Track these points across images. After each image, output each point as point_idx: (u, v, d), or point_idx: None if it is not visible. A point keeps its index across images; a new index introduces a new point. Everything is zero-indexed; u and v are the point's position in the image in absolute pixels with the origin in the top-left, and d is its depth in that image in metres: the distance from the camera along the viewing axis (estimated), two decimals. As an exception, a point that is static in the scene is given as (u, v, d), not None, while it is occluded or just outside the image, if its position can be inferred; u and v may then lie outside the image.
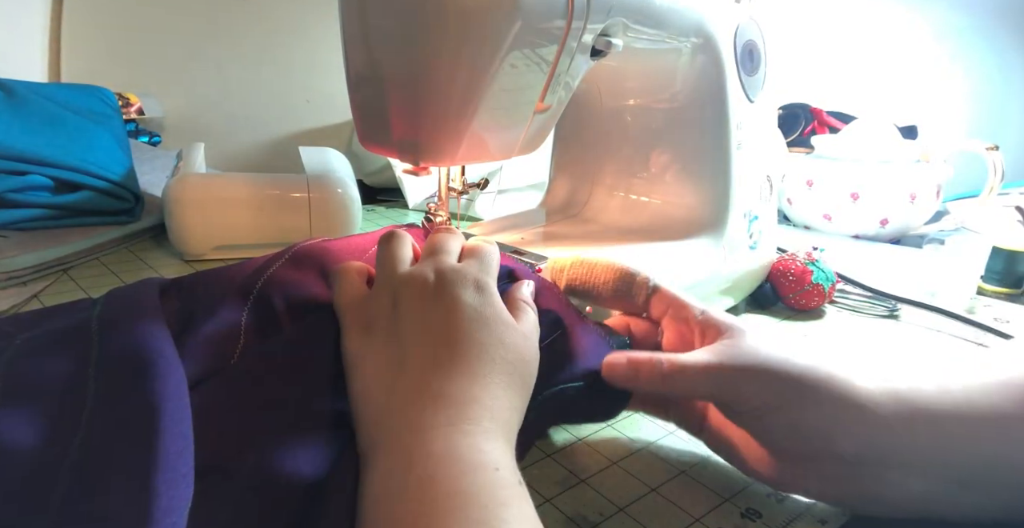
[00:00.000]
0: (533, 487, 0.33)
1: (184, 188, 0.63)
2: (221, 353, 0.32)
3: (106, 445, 0.24)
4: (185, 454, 0.23)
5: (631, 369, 0.32)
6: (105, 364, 0.27)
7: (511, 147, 0.40)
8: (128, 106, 1.00)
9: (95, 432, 0.24)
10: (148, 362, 0.27)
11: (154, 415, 0.24)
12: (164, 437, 0.23)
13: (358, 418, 0.28)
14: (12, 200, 0.62)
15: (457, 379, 0.27)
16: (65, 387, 0.27)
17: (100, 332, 0.29)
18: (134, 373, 0.26)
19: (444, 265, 0.32)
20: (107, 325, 0.30)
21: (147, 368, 0.26)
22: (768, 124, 0.58)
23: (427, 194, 0.90)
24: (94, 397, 0.26)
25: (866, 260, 0.75)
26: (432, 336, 0.29)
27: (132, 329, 0.29)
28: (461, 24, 0.32)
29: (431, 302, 0.31)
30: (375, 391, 0.28)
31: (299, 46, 1.18)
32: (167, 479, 0.22)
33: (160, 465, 0.22)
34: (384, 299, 0.32)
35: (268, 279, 0.36)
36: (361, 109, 0.38)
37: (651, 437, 0.38)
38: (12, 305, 0.50)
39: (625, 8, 0.40)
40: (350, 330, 0.32)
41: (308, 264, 0.37)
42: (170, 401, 0.25)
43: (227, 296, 0.35)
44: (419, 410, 0.26)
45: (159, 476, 0.22)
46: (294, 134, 1.21)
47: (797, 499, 0.33)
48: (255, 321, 0.34)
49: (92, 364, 0.27)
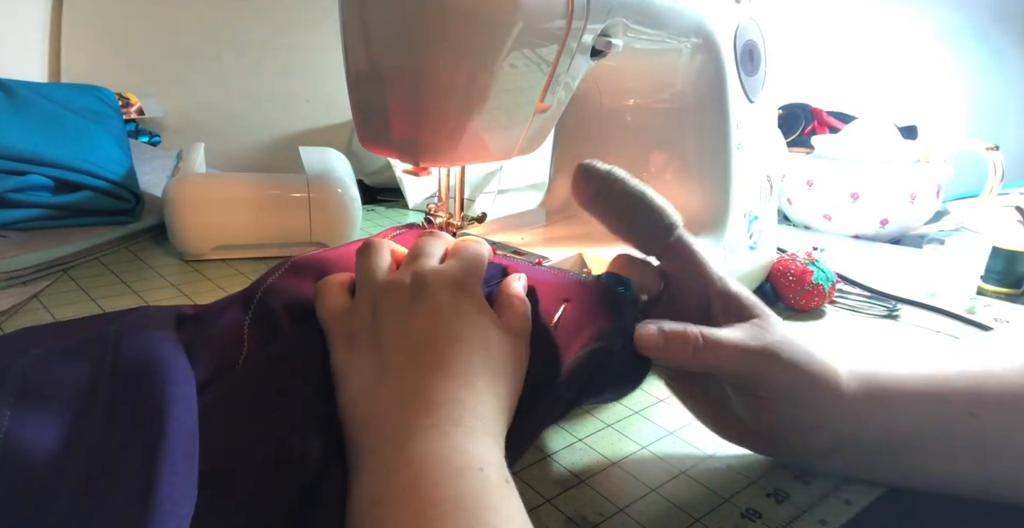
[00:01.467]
0: (533, 487, 0.33)
1: (184, 188, 0.63)
2: (225, 360, 0.32)
3: (113, 446, 0.24)
4: (190, 458, 0.24)
5: (662, 340, 0.30)
6: (117, 370, 0.28)
7: (511, 147, 0.40)
8: (128, 106, 1.00)
9: (104, 434, 0.24)
10: (158, 368, 0.27)
11: (162, 418, 0.24)
12: (170, 439, 0.23)
13: (346, 427, 0.28)
14: (12, 200, 0.62)
15: (439, 380, 0.27)
16: (78, 392, 0.27)
17: (116, 341, 0.30)
18: (144, 378, 0.27)
19: (421, 268, 0.32)
20: (122, 335, 0.30)
21: (157, 373, 0.27)
22: (768, 124, 0.58)
23: (427, 194, 0.90)
24: (105, 401, 0.26)
25: (866, 260, 0.75)
26: (411, 340, 0.29)
27: (146, 340, 0.30)
28: (461, 24, 0.32)
29: (409, 306, 0.30)
30: (359, 400, 0.28)
31: (299, 46, 1.18)
32: (171, 481, 0.22)
33: (165, 467, 0.22)
34: (364, 309, 0.32)
35: (268, 288, 0.36)
36: (361, 109, 0.38)
37: (651, 437, 0.38)
38: (12, 305, 0.50)
39: (625, 8, 0.40)
40: (335, 343, 0.32)
41: (307, 272, 0.38)
42: (178, 405, 0.25)
43: (229, 307, 0.36)
44: (401, 414, 0.26)
45: (163, 479, 0.22)
46: (294, 134, 1.21)
47: (796, 500, 0.33)
48: (257, 328, 0.34)
49: (105, 370, 0.28)
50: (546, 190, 0.62)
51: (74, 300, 0.53)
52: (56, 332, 0.35)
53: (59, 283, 0.57)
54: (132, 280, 0.59)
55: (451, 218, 0.43)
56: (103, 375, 0.27)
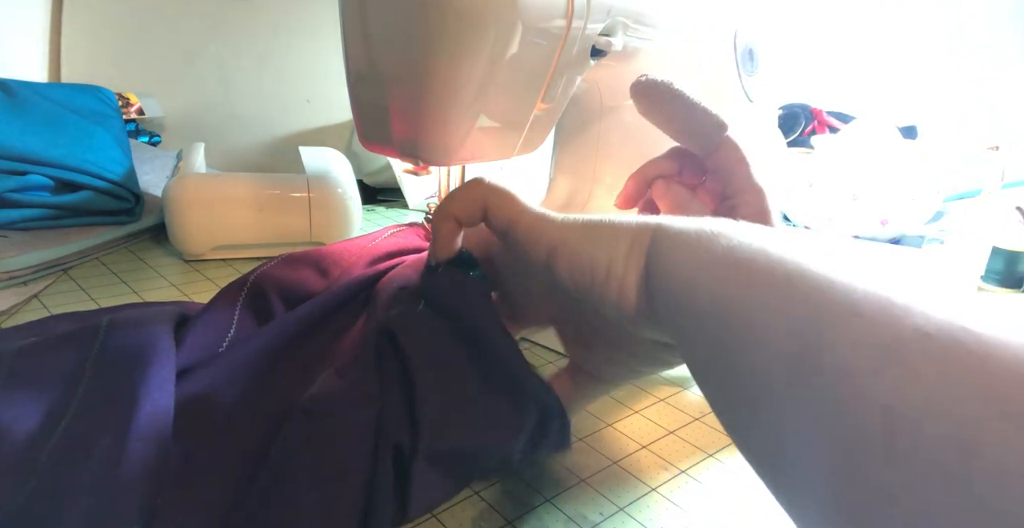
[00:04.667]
0: (533, 487, 0.33)
1: (184, 188, 0.63)
2: (211, 343, 0.33)
3: (86, 429, 0.25)
4: (158, 443, 0.25)
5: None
6: (102, 357, 0.29)
7: (511, 147, 0.40)
8: (128, 106, 1.00)
9: (81, 410, 0.26)
10: (139, 354, 0.28)
11: (134, 402, 0.25)
12: (138, 423, 0.25)
13: None
14: (12, 200, 0.62)
15: None
16: (63, 378, 0.28)
17: (106, 331, 0.30)
18: (122, 366, 0.28)
19: None
20: (113, 325, 0.31)
21: (136, 359, 0.28)
22: (768, 124, 0.58)
23: (427, 194, 0.90)
24: (86, 388, 0.27)
25: (866, 260, 0.75)
26: None
27: (133, 329, 0.30)
28: (461, 24, 0.32)
29: None
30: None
31: (299, 46, 1.18)
32: (138, 460, 0.23)
33: (131, 445, 0.24)
34: None
35: (261, 273, 0.37)
36: (361, 109, 0.38)
37: (651, 437, 0.38)
38: (12, 305, 0.50)
39: (625, 8, 0.40)
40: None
41: (304, 261, 0.38)
42: (151, 390, 0.26)
43: (222, 294, 0.36)
44: None
45: (130, 458, 0.23)
46: (294, 134, 1.21)
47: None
48: (248, 311, 0.35)
49: (91, 358, 0.29)
50: (546, 190, 0.61)
51: (74, 300, 0.53)
52: (79, 319, 0.36)
53: (59, 283, 0.57)
54: (132, 280, 0.59)
55: None
56: (88, 363, 0.28)
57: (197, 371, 0.30)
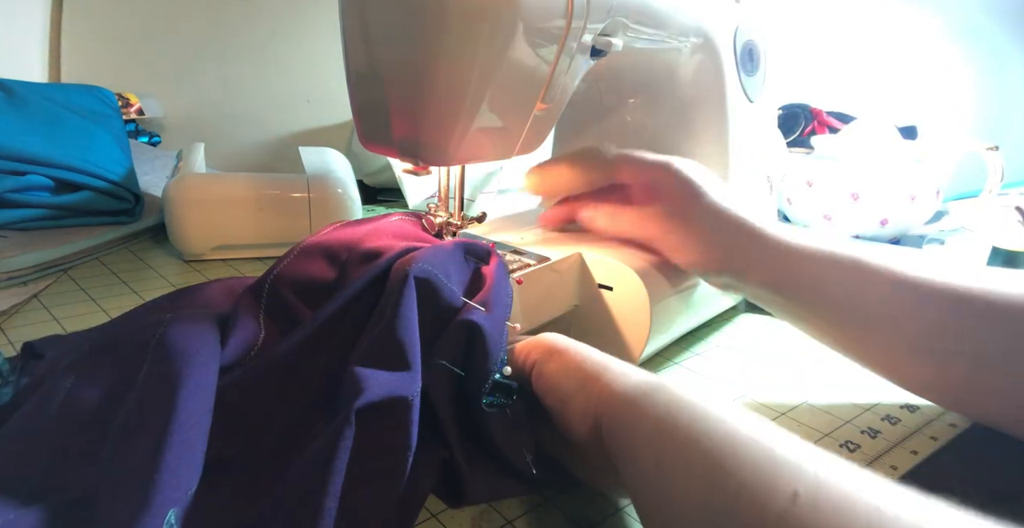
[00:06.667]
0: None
1: (184, 188, 0.63)
2: (242, 353, 0.34)
3: (137, 414, 0.28)
4: (199, 425, 0.27)
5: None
6: (158, 353, 0.31)
7: (511, 147, 0.40)
8: (128, 106, 1.00)
9: (132, 410, 0.28)
10: (182, 354, 0.30)
11: (175, 394, 0.27)
12: (180, 411, 0.27)
13: None
14: (12, 200, 0.62)
15: None
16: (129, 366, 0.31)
17: (164, 327, 0.33)
18: (167, 362, 0.30)
19: None
20: (170, 324, 0.33)
21: (178, 359, 0.30)
22: (768, 124, 0.58)
23: (427, 194, 0.90)
24: (140, 380, 0.30)
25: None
26: None
27: (184, 328, 0.33)
28: (461, 24, 0.32)
29: None
30: None
31: (299, 46, 1.18)
32: (177, 454, 0.25)
33: (173, 428, 0.26)
34: None
35: (276, 277, 0.38)
36: (361, 109, 0.38)
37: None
38: (12, 305, 0.50)
39: (625, 8, 0.40)
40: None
41: (315, 252, 0.38)
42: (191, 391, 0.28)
43: (242, 303, 0.37)
44: None
45: (171, 449, 0.25)
46: (294, 134, 1.21)
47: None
48: (271, 317, 0.36)
49: (150, 352, 0.31)
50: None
51: (74, 300, 0.53)
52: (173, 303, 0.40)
53: (59, 283, 0.57)
54: (132, 280, 0.59)
55: (451, 218, 0.43)
56: (148, 356, 0.31)
57: (232, 372, 0.32)
